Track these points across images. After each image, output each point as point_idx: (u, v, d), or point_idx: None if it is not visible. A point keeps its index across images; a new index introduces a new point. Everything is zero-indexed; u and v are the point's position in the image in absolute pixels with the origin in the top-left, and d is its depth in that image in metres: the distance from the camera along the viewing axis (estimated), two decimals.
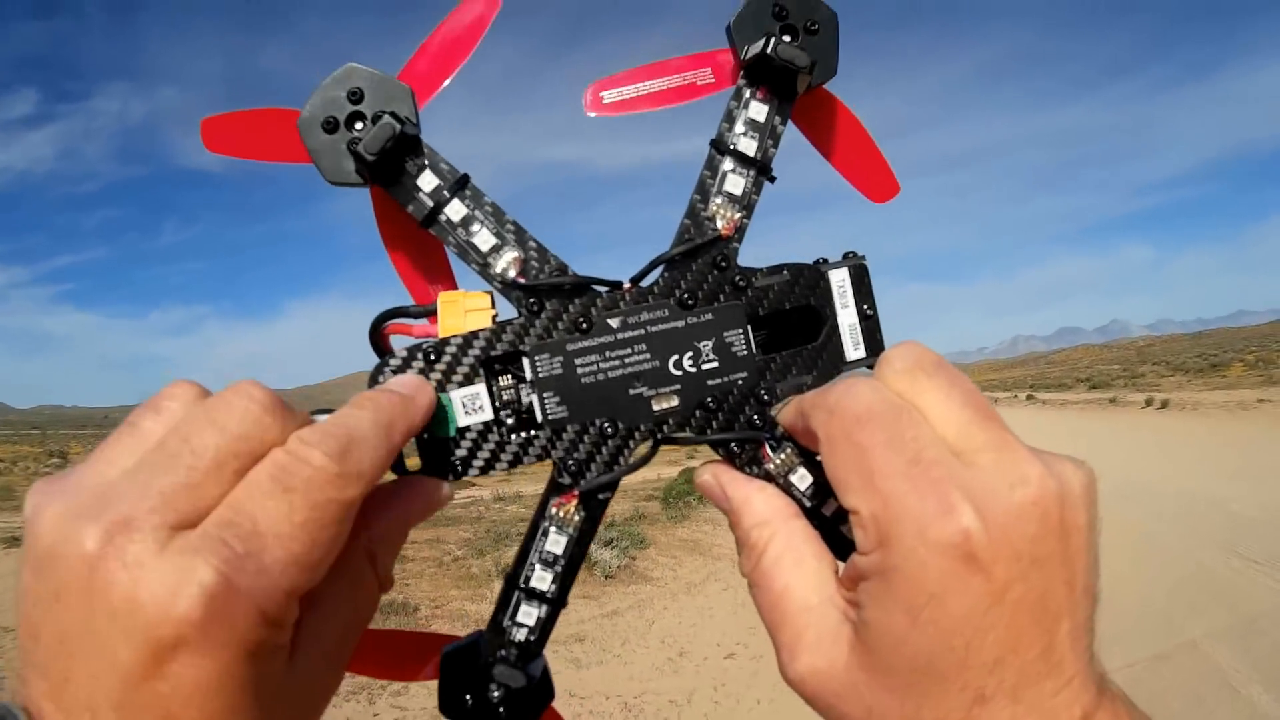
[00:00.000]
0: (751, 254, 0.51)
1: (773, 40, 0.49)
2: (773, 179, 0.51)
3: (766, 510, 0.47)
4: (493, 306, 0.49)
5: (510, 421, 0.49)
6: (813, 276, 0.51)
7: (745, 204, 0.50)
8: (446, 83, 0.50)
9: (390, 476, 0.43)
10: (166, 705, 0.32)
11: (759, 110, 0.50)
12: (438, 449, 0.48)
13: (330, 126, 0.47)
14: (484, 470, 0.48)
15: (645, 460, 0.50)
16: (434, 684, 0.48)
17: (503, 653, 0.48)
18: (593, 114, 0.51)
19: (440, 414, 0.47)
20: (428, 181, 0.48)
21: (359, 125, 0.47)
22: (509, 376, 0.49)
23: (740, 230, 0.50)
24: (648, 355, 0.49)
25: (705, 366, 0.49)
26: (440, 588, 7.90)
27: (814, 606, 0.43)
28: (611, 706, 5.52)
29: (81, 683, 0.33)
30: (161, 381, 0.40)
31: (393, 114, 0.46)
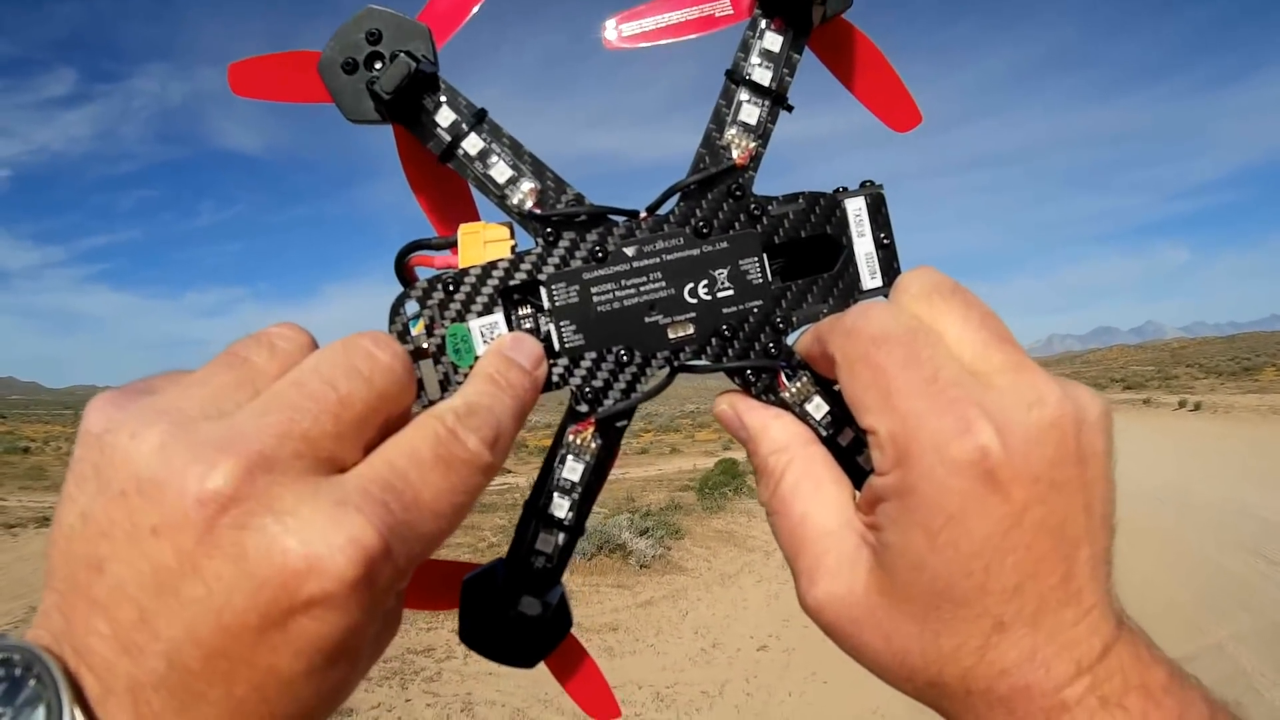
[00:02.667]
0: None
1: None
2: (789, 108, 0.50)
3: (784, 436, 0.47)
4: (512, 238, 0.50)
5: None
6: (829, 205, 0.50)
7: (761, 133, 0.50)
8: (466, 20, 0.50)
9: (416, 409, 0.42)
10: (274, 659, 0.30)
11: (774, 41, 0.50)
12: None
13: (349, 67, 0.47)
14: None
15: (661, 388, 0.50)
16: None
17: (520, 581, 0.48)
18: (613, 46, 0.51)
19: (460, 344, 0.47)
20: (445, 117, 0.49)
21: (378, 65, 0.47)
22: (527, 306, 0.49)
23: (756, 159, 0.50)
24: (663, 283, 0.49)
25: (720, 294, 0.49)
26: None
27: (833, 531, 0.42)
28: (644, 696, 5.55)
29: (164, 627, 0.29)
30: (195, 363, 0.37)
31: (408, 53, 0.47)
